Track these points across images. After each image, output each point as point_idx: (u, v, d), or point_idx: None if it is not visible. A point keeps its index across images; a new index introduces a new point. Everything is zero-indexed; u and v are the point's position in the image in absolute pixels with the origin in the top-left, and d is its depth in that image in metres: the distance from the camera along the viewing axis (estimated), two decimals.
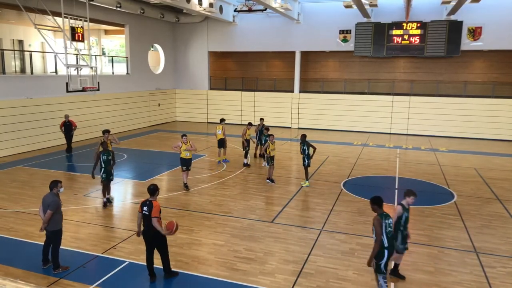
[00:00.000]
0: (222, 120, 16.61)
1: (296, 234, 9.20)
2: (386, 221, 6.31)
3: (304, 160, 13.04)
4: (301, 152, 13.14)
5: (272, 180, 13.44)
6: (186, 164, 12.47)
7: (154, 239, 6.98)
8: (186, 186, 12.51)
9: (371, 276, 7.33)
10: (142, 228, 7.05)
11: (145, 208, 6.93)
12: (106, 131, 12.16)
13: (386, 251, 6.28)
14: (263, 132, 15.71)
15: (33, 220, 9.59)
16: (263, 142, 15.56)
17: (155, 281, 7.10)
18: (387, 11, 23.16)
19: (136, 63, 24.87)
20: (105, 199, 10.97)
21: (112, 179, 11.08)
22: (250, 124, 16.48)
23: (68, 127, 17.35)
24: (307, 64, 27.09)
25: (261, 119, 17.46)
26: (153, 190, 7.06)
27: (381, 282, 6.42)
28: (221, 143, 15.81)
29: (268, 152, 13.45)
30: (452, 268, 7.70)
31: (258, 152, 17.18)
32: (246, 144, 15.82)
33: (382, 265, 6.32)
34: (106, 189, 11.01)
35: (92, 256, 7.95)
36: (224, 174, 14.43)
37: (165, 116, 27.95)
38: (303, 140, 13.01)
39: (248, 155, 15.84)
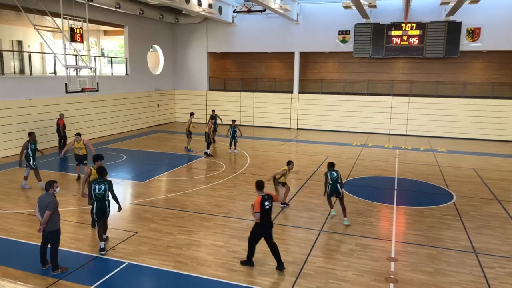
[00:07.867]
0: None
1: (296, 235, 9.20)
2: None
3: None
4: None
5: None
6: (79, 159, 13.18)
7: (271, 229, 7.56)
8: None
9: (371, 276, 7.37)
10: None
11: (267, 203, 7.31)
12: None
13: None
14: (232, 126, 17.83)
15: (32, 221, 9.58)
16: (231, 133, 17.71)
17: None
18: (386, 11, 23.18)
19: (135, 64, 24.87)
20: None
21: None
22: (192, 114, 18.82)
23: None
24: (306, 64, 27.10)
25: (213, 110, 19.99)
26: (262, 184, 7.54)
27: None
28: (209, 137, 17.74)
29: None
30: (451, 269, 7.70)
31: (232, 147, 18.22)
32: (189, 135, 18.17)
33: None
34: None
35: (91, 257, 7.94)
36: (223, 175, 14.43)
37: (164, 116, 27.94)
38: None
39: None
